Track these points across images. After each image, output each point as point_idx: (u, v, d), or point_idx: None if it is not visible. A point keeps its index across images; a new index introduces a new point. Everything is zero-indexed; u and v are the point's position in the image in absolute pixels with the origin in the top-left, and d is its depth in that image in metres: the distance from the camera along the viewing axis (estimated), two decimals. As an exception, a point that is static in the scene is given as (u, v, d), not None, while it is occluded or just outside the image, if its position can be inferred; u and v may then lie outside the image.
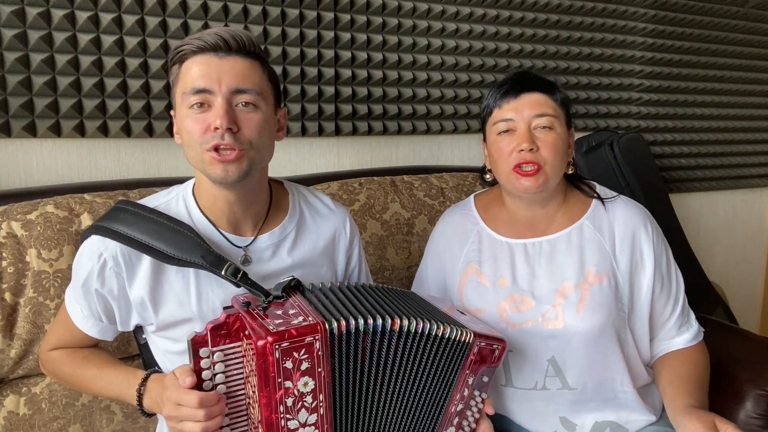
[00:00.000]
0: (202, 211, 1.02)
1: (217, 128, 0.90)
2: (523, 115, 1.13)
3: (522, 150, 1.11)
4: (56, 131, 1.41)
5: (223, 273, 0.94)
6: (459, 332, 0.94)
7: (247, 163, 0.94)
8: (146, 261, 0.98)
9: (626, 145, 2.01)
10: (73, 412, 1.23)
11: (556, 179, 1.15)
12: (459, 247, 1.25)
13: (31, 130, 1.39)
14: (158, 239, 0.96)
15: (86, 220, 1.25)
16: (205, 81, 0.92)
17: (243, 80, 0.94)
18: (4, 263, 1.18)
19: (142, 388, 0.94)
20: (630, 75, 2.20)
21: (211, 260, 0.95)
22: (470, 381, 0.97)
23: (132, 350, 1.27)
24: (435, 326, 0.92)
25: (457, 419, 0.98)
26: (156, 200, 1.04)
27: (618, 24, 2.12)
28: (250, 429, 0.89)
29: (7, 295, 1.18)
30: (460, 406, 0.98)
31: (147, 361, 1.09)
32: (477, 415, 1.00)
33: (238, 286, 0.95)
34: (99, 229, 0.98)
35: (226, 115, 0.91)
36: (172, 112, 1.02)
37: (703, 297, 2.11)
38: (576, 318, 1.12)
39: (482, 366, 0.97)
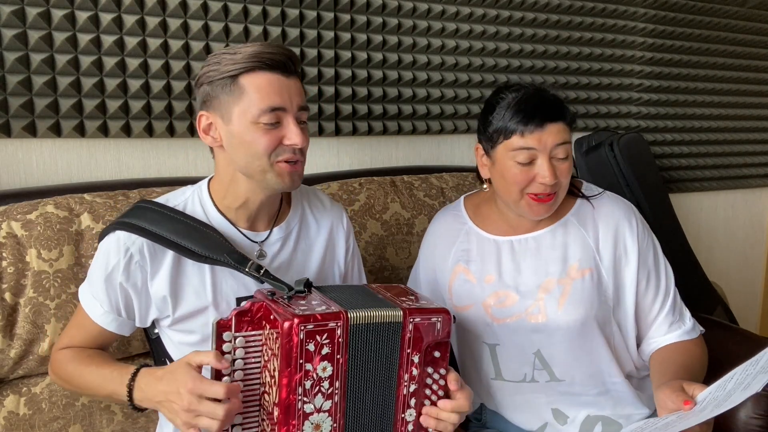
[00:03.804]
0: (218, 210, 1.07)
1: (293, 145, 0.99)
2: (547, 145, 1.10)
3: (544, 183, 1.11)
4: (56, 131, 1.41)
5: (246, 270, 1.00)
6: (389, 312, 0.94)
7: (303, 170, 1.05)
8: (169, 257, 1.02)
9: (626, 145, 2.01)
10: (73, 412, 1.23)
11: (562, 198, 1.18)
12: (448, 246, 1.27)
13: (31, 130, 1.39)
14: (186, 238, 1.01)
15: (86, 220, 1.25)
16: (281, 100, 0.98)
17: (303, 99, 1.03)
18: (4, 263, 1.18)
19: (132, 382, 0.94)
20: (630, 75, 2.20)
21: (236, 258, 1.00)
22: (416, 359, 0.96)
23: (132, 350, 1.27)
24: (374, 312, 0.93)
25: (414, 400, 0.97)
26: (173, 200, 1.08)
27: (618, 24, 2.12)
28: (261, 417, 0.92)
29: (7, 295, 1.18)
30: (413, 387, 0.97)
31: (157, 356, 1.11)
32: (440, 393, 0.98)
33: (262, 282, 1.00)
34: (125, 225, 1.02)
35: (302, 134, 1.00)
36: (204, 113, 1.02)
37: (703, 297, 2.11)
38: (558, 312, 1.14)
39: (425, 341, 0.96)
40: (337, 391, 0.90)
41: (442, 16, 1.81)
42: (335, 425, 0.91)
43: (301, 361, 0.86)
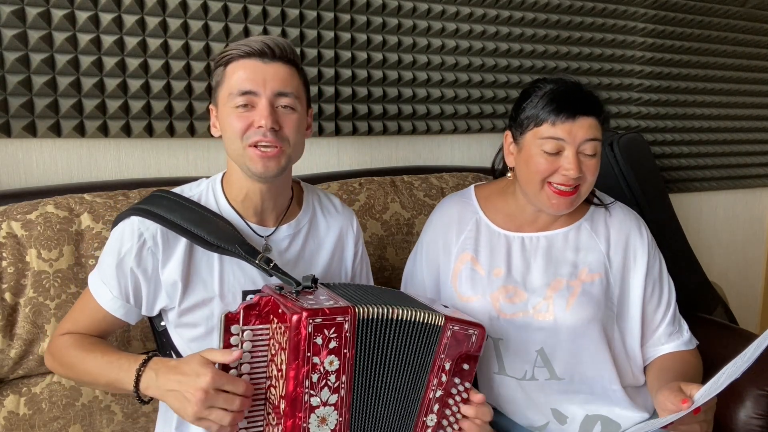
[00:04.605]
0: (229, 203, 1.09)
1: (260, 126, 1.00)
2: (576, 138, 1.10)
3: (566, 175, 1.11)
4: (56, 131, 1.41)
5: (256, 262, 1.01)
6: (431, 316, 0.98)
7: (285, 159, 1.04)
8: (182, 244, 1.04)
9: (626, 145, 2.01)
10: (73, 412, 1.23)
11: (584, 197, 1.18)
12: (456, 234, 1.26)
13: (31, 130, 1.39)
14: (199, 227, 1.03)
15: (86, 220, 1.25)
16: (251, 84, 1.01)
17: (284, 84, 1.03)
18: (4, 263, 1.18)
19: (142, 368, 0.94)
20: (630, 75, 2.20)
21: (247, 249, 1.02)
22: (447, 366, 0.99)
23: (132, 350, 1.27)
24: (414, 312, 0.97)
25: (437, 406, 1.00)
26: (189, 191, 1.11)
27: (618, 24, 2.12)
28: (267, 411, 0.94)
29: (7, 295, 1.18)
30: (439, 392, 1.00)
31: (163, 349, 1.11)
32: (461, 405, 1.02)
33: (270, 275, 1.02)
34: (141, 211, 1.04)
35: (270, 115, 1.00)
36: (210, 107, 1.10)
37: (703, 297, 2.11)
38: (565, 311, 1.15)
39: (458, 351, 0.99)
40: (343, 385, 0.91)
41: (442, 16, 1.81)
42: (341, 419, 0.92)
43: (308, 354, 0.88)
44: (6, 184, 1.39)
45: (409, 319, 0.97)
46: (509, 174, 1.25)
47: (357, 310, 0.91)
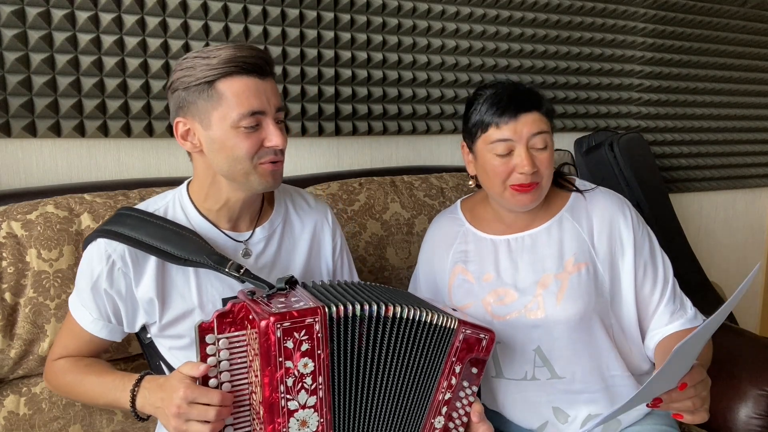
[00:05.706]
0: (200, 212, 1.07)
1: (275, 146, 1.00)
2: (522, 135, 1.13)
3: (523, 173, 1.13)
4: (56, 131, 1.41)
5: (227, 270, 0.99)
6: (445, 319, 0.98)
7: (283, 169, 1.06)
8: (152, 261, 1.03)
9: (626, 145, 2.01)
10: (73, 412, 1.23)
11: (547, 189, 1.19)
12: (446, 249, 1.28)
13: (31, 130, 1.39)
14: (164, 242, 1.01)
15: (86, 220, 1.25)
16: (259, 103, 0.99)
17: (279, 99, 1.03)
18: (4, 263, 1.18)
19: (136, 388, 0.96)
20: (630, 75, 2.20)
21: (215, 259, 1.00)
22: (457, 369, 0.99)
23: (132, 350, 1.27)
24: (423, 313, 0.97)
25: (445, 408, 1.00)
26: (153, 205, 1.09)
27: (618, 24, 2.12)
28: (252, 417, 0.93)
29: (7, 295, 1.18)
30: (448, 395, 1.00)
31: (151, 360, 1.11)
32: (468, 408, 1.02)
33: (243, 281, 1.00)
34: (105, 232, 1.03)
35: (282, 134, 1.01)
36: (181, 120, 1.01)
37: (703, 297, 2.11)
38: (556, 307, 1.15)
39: (469, 355, 1.00)
40: (321, 386, 0.90)
41: (442, 16, 1.81)
42: (322, 420, 0.91)
43: (280, 359, 0.87)
44: (6, 184, 1.39)
45: (414, 318, 0.96)
46: (470, 182, 1.27)
47: (327, 309, 0.90)
